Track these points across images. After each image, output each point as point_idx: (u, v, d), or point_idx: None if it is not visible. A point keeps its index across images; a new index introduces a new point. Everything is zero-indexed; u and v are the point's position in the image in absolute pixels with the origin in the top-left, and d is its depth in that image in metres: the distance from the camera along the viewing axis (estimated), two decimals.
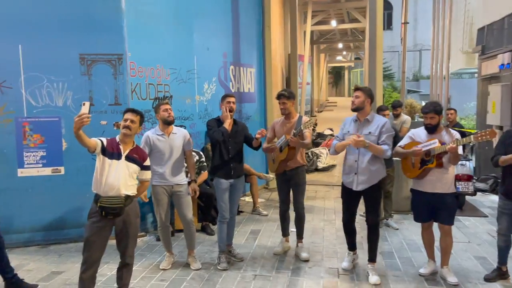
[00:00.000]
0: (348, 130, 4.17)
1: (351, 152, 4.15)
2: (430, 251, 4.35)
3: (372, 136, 4.03)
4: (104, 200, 3.37)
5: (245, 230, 5.78)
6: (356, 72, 39.99)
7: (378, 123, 4.09)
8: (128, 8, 5.25)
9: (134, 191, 3.55)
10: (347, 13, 19.29)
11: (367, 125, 4.10)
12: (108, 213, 3.37)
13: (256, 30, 8.25)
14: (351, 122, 4.22)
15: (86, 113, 3.17)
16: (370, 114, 4.14)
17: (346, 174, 4.23)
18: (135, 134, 3.60)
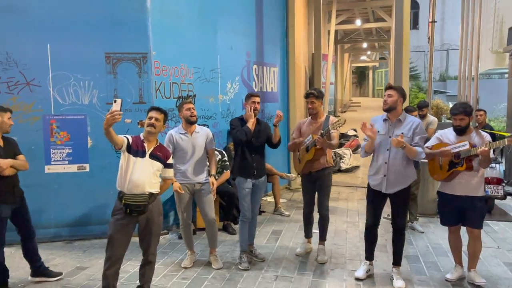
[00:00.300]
0: (378, 130, 4.01)
1: (381, 153, 4.00)
2: (458, 256, 4.22)
3: (405, 137, 3.88)
4: (128, 197, 3.40)
5: (266, 230, 5.75)
6: (380, 72, 39.40)
7: (410, 123, 3.94)
8: (153, 7, 5.29)
9: (157, 189, 3.58)
10: (372, 12, 19.00)
11: (399, 126, 3.95)
12: (132, 210, 3.40)
13: (280, 29, 8.20)
14: (381, 121, 4.07)
15: (118, 110, 3.19)
16: (402, 114, 4.00)
17: (373, 176, 4.08)
18: (159, 132, 3.62)
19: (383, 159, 3.98)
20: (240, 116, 4.58)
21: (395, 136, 3.89)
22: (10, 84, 5.10)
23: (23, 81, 5.13)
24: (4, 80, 5.09)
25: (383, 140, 3.98)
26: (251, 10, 7.26)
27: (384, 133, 3.99)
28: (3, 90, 5.09)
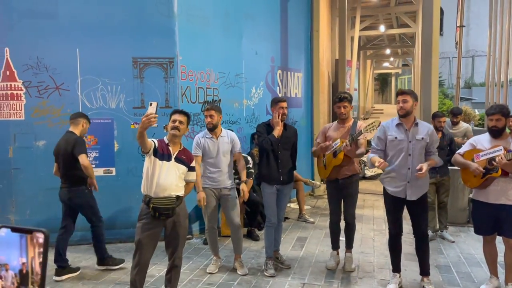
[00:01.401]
0: (396, 136, 3.87)
1: (402, 159, 3.85)
2: (493, 267, 4.04)
3: (424, 141, 3.82)
4: (156, 201, 3.39)
5: (291, 237, 5.66)
6: (403, 78, 38.88)
7: (425, 127, 3.89)
8: (180, 12, 5.32)
9: (183, 192, 3.57)
10: (396, 18, 18.80)
11: (417, 130, 3.85)
12: (161, 214, 3.39)
13: (304, 34, 8.16)
14: (393, 127, 3.91)
15: (153, 113, 3.18)
16: (416, 118, 3.92)
17: (394, 182, 3.92)
18: (183, 135, 3.62)
19: (405, 165, 3.84)
20: (267, 121, 4.53)
21: (416, 140, 3.82)
22: (40, 88, 5.19)
23: (53, 85, 5.21)
24: (35, 84, 5.18)
25: (403, 146, 3.85)
26: (276, 15, 7.25)
27: (402, 138, 3.86)
28: (34, 94, 5.19)
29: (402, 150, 3.85)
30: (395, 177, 3.91)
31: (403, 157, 3.85)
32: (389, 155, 3.92)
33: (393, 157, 3.89)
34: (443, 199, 5.55)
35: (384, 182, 4.02)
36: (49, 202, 5.26)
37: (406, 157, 3.84)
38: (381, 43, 25.09)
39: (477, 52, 30.45)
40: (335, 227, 4.61)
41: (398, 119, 3.92)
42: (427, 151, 3.89)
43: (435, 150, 3.91)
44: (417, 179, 3.82)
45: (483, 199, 3.89)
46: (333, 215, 4.58)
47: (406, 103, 3.84)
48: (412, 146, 3.82)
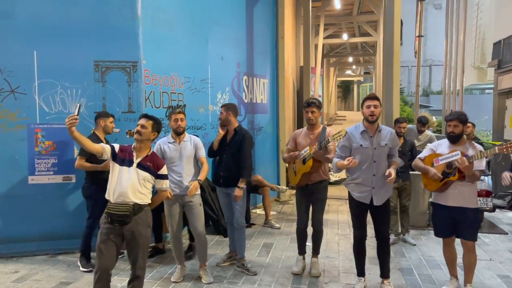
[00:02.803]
0: (361, 144, 3.90)
1: (367, 165, 3.90)
2: (453, 269, 4.17)
3: (387, 147, 3.90)
4: (111, 206, 3.34)
5: (257, 243, 5.63)
6: (365, 86, 39.94)
7: (389, 133, 3.97)
8: (144, 15, 5.22)
9: (145, 200, 3.44)
10: (358, 27, 19.31)
11: (380, 137, 3.91)
12: (114, 220, 3.32)
13: (270, 41, 8.21)
14: (358, 134, 3.95)
15: (75, 114, 3.20)
16: (379, 124, 3.99)
17: (359, 188, 3.96)
18: (150, 140, 3.51)
19: (370, 171, 3.90)
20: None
21: (380, 146, 3.88)
22: None
23: (8, 89, 4.97)
24: None
25: (368, 153, 3.90)
26: (242, 21, 7.25)
27: (367, 146, 3.90)
28: None
29: (367, 157, 3.90)
30: (360, 183, 3.96)
31: (368, 164, 3.90)
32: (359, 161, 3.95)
33: (361, 163, 3.93)
34: (405, 203, 5.69)
35: (349, 187, 4.06)
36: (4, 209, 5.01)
37: (371, 164, 3.90)
38: (344, 51, 25.69)
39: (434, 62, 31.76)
40: (302, 232, 4.61)
41: (362, 126, 3.96)
42: (389, 154, 3.98)
43: (396, 153, 4.03)
44: (381, 185, 3.88)
45: (442, 202, 4.01)
46: (301, 221, 4.58)
47: (377, 109, 3.88)
48: (377, 153, 3.88)
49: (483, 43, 18.71)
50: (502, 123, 8.38)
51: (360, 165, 3.92)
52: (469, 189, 3.92)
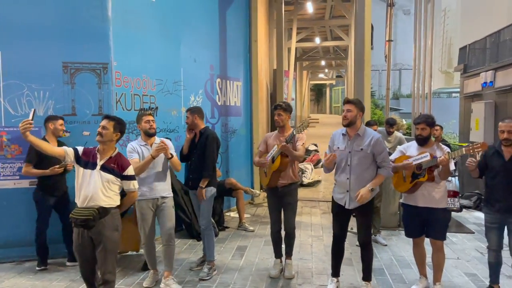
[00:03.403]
0: (338, 146, 3.99)
1: (343, 170, 3.96)
2: (422, 268, 4.27)
3: (364, 152, 3.87)
4: (75, 211, 3.32)
5: (231, 246, 5.61)
6: (337, 89, 40.53)
7: (370, 138, 3.89)
8: (115, 16, 5.12)
9: (112, 203, 3.38)
10: (330, 31, 19.59)
11: (358, 141, 3.91)
12: (76, 224, 3.30)
13: (243, 44, 8.21)
14: (339, 137, 4.04)
15: (29, 119, 3.18)
16: (360, 128, 3.95)
17: (338, 190, 4.03)
18: (113, 141, 3.47)
19: (345, 175, 3.95)
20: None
21: (355, 151, 3.89)
22: None
23: None
24: None
25: (343, 156, 3.95)
26: (215, 24, 7.23)
27: (343, 148, 3.96)
28: None
29: (343, 160, 3.95)
30: (339, 185, 4.03)
31: (343, 167, 3.96)
32: (337, 164, 4.02)
33: (338, 166, 4.01)
34: (376, 204, 5.79)
35: (334, 188, 4.14)
36: None
37: (346, 167, 3.94)
38: (317, 54, 26.00)
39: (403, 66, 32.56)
40: (277, 236, 4.63)
41: (345, 128, 4.03)
42: (377, 162, 3.90)
43: (385, 163, 3.88)
44: (356, 189, 3.86)
45: (412, 203, 4.10)
46: (274, 225, 4.60)
47: (349, 113, 3.90)
48: (351, 157, 3.91)
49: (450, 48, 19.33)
50: (468, 125, 8.67)
51: (338, 168, 4.00)
52: (438, 190, 4.02)
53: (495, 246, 3.95)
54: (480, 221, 7.09)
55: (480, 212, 7.78)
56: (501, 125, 3.89)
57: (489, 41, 8.48)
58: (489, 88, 7.79)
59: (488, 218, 3.98)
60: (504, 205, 3.83)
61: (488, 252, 4.04)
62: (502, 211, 3.84)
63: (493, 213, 3.92)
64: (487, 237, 4.04)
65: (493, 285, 4.04)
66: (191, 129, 4.60)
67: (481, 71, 8.13)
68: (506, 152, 3.84)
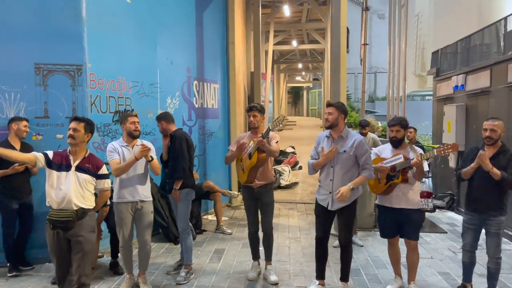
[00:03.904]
0: (322, 148, 4.03)
1: (326, 170, 4.02)
2: (397, 267, 4.35)
3: (347, 154, 3.93)
4: (53, 212, 3.31)
5: (209, 249, 5.58)
6: (314, 92, 40.89)
7: (353, 140, 3.95)
8: (89, 17, 5.03)
9: (89, 203, 3.43)
10: (307, 34, 19.77)
11: (341, 143, 3.97)
12: (55, 226, 3.29)
13: (220, 46, 8.20)
14: (324, 138, 4.09)
15: None
16: (344, 130, 4.01)
17: (321, 191, 4.08)
18: (85, 142, 3.50)
19: (328, 176, 4.00)
20: None
21: (338, 152, 3.93)
22: None
23: None
24: None
25: None
26: (192, 26, 7.19)
27: (326, 150, 4.01)
28: None
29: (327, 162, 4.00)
30: (322, 187, 4.07)
31: (327, 169, 4.01)
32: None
33: (322, 167, 4.05)
34: (355, 206, 5.85)
35: (318, 189, 4.17)
36: None
37: (329, 169, 3.99)
38: (294, 57, 26.18)
39: (378, 69, 33.14)
40: (254, 237, 4.63)
41: (329, 131, 4.08)
42: (360, 164, 3.96)
43: (368, 165, 3.94)
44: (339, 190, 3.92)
45: (387, 204, 4.18)
46: (251, 226, 4.61)
47: (330, 115, 3.97)
48: (335, 159, 3.95)
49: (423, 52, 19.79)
50: (440, 127, 8.87)
51: (322, 169, 4.05)
52: (412, 191, 4.11)
53: (470, 247, 4.01)
54: (453, 221, 7.28)
55: (453, 212, 7.99)
56: (485, 123, 3.92)
57: (460, 46, 8.72)
58: (460, 91, 7.99)
59: (467, 218, 4.03)
60: (483, 205, 3.88)
61: (462, 252, 4.11)
62: (481, 211, 3.90)
63: (472, 214, 3.97)
64: (463, 237, 4.09)
65: (466, 283, 4.15)
66: (165, 135, 4.60)
67: (453, 75, 8.33)
68: (488, 152, 3.88)
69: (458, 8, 14.02)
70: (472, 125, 7.69)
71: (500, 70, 6.61)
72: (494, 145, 3.87)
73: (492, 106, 6.91)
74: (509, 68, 6.29)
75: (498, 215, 3.86)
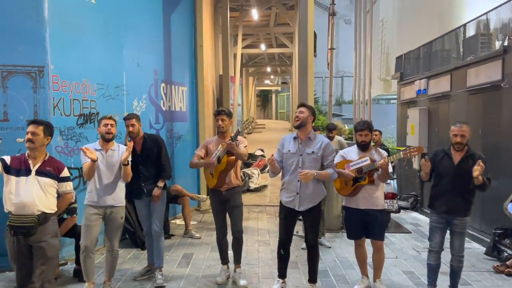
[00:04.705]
0: (289, 149, 4.06)
1: (293, 171, 4.04)
2: (364, 268, 4.43)
3: (315, 155, 3.99)
4: (14, 218, 3.23)
5: (177, 254, 5.51)
6: (282, 96, 41.21)
7: (320, 142, 4.04)
8: (52, 17, 4.89)
9: (52, 207, 3.36)
10: (275, 38, 19.92)
11: (309, 144, 4.03)
12: (16, 232, 3.20)
13: (188, 49, 8.14)
14: (290, 140, 4.13)
15: None
16: (311, 132, 4.09)
17: (287, 193, 4.09)
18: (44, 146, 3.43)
19: (295, 177, 4.02)
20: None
21: (306, 153, 4.00)
22: None
23: None
24: None
25: (294, 159, 4.04)
26: (159, 28, 7.11)
27: (295, 151, 4.06)
28: None
29: (293, 163, 4.03)
30: (287, 188, 4.09)
31: (294, 169, 4.03)
32: (285, 167, 4.09)
33: (287, 169, 4.08)
34: (321, 207, 5.93)
35: (281, 191, 4.18)
36: None
37: (297, 170, 4.01)
38: (262, 61, 26.32)
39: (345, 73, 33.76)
40: (223, 241, 4.61)
41: (296, 133, 4.11)
42: (322, 164, 4.04)
43: (330, 164, 4.05)
44: (307, 191, 3.99)
45: (354, 205, 4.25)
46: (220, 230, 4.58)
47: (301, 114, 4.04)
48: (302, 159, 4.00)
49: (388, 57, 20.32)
50: (404, 130, 9.14)
51: (288, 170, 4.07)
52: (378, 192, 4.21)
53: (437, 248, 4.07)
54: (417, 221, 7.50)
55: (416, 212, 8.23)
56: (453, 129, 3.98)
57: (422, 51, 9.02)
58: (423, 95, 8.27)
59: (434, 218, 4.12)
60: (449, 207, 3.97)
61: (428, 254, 4.14)
62: (447, 213, 3.99)
63: (438, 214, 4.06)
64: (430, 238, 4.14)
65: (430, 285, 4.23)
66: (134, 137, 4.46)
67: (416, 79, 8.61)
68: (455, 155, 3.98)
69: (420, 15, 14.48)
70: (434, 128, 7.96)
71: (459, 75, 6.88)
72: (462, 150, 3.96)
73: (453, 110, 7.18)
74: (468, 73, 6.55)
75: (464, 216, 3.98)
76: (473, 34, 7.10)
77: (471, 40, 6.95)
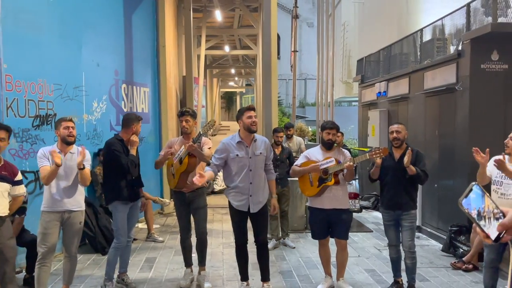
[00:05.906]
0: (237, 154, 4.01)
1: (244, 175, 4.02)
2: (327, 267, 4.49)
3: (262, 156, 4.08)
4: None
5: (139, 258, 5.38)
6: (247, 97, 41.30)
7: (261, 141, 4.15)
8: (5, 15, 4.67)
9: (6, 211, 3.36)
10: (239, 40, 19.91)
11: (256, 146, 4.09)
12: None
13: (151, 49, 8.00)
14: (234, 144, 4.05)
15: None
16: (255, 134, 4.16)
17: (237, 196, 4.05)
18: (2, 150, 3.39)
19: (247, 179, 4.02)
20: (117, 136, 4.35)
21: (255, 155, 4.03)
22: None
23: None
24: None
25: (244, 162, 4.03)
26: (120, 27, 6.94)
27: (243, 155, 4.03)
28: None
29: (244, 167, 4.02)
30: (238, 192, 4.05)
31: (245, 173, 4.02)
32: (232, 172, 4.05)
33: (236, 173, 4.03)
34: (285, 208, 5.98)
35: (229, 196, 4.13)
36: None
37: (248, 173, 4.02)
38: (226, 62, 26.24)
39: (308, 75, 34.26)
40: (186, 244, 4.56)
41: (238, 137, 4.07)
42: (265, 164, 4.13)
43: (270, 164, 4.20)
44: (258, 192, 4.02)
45: (319, 205, 4.30)
46: (183, 232, 4.53)
47: (257, 119, 4.10)
48: (253, 162, 4.03)
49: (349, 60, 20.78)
50: (366, 131, 9.36)
51: (238, 175, 4.03)
52: (342, 192, 4.29)
53: (395, 242, 4.27)
54: (378, 220, 7.68)
55: (377, 212, 8.43)
56: (390, 127, 4.30)
57: (382, 55, 9.28)
58: (383, 97, 8.50)
59: (385, 216, 4.30)
60: (394, 203, 4.16)
61: (389, 249, 4.35)
62: (394, 208, 4.18)
63: (388, 211, 4.24)
64: (386, 235, 4.37)
65: (397, 279, 4.36)
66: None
67: (376, 82, 8.84)
68: (396, 153, 4.21)
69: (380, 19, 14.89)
70: None
71: (417, 78, 7.12)
72: (400, 147, 4.19)
73: (411, 111, 7.42)
74: (425, 76, 6.79)
75: (410, 209, 4.17)
76: (429, 38, 7.37)
77: (428, 45, 7.21)
